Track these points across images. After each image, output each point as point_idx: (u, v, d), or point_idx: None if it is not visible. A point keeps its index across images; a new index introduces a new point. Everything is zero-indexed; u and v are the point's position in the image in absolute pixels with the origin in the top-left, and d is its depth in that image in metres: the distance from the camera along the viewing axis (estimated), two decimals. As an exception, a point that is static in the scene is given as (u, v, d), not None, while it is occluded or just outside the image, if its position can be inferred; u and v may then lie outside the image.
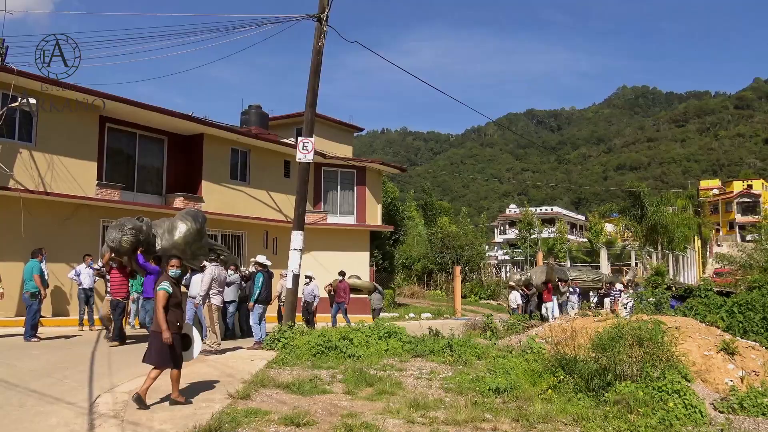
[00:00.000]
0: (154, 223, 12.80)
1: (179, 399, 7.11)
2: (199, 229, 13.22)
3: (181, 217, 13.27)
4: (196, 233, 13.11)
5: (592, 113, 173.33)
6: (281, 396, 7.57)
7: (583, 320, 12.27)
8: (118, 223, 11.89)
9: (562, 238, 59.83)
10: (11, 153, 15.06)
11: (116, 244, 11.59)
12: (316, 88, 13.84)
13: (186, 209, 14.74)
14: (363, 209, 25.26)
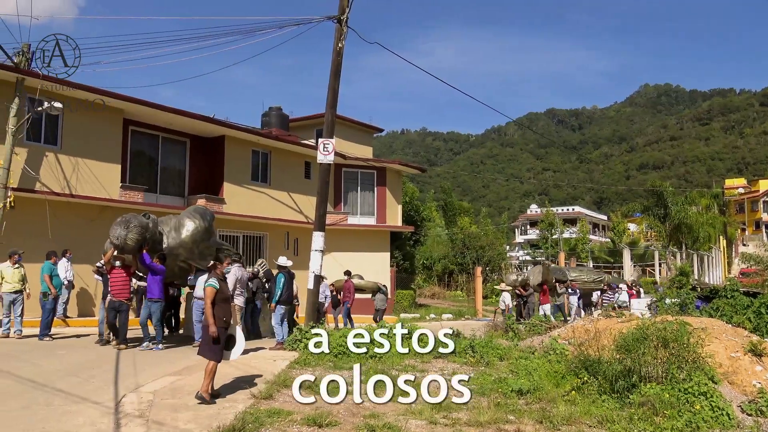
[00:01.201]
0: (161, 220, 12.50)
1: (206, 394, 7.09)
2: (207, 227, 12.77)
3: (188, 215, 12.84)
4: (204, 231, 12.65)
5: (614, 112, 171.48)
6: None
7: (607, 321, 12.14)
8: (123, 219, 11.35)
9: (584, 238, 59.28)
10: (38, 156, 15.32)
11: (120, 241, 11.04)
12: (337, 89, 13.87)
13: (193, 206, 14.33)
14: (383, 210, 25.28)
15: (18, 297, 12.40)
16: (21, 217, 14.50)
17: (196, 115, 19.17)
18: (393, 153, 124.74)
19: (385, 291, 18.25)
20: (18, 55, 14.49)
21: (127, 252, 11.35)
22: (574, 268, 27.17)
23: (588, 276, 24.44)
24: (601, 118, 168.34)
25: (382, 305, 18.01)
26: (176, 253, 12.24)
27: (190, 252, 12.38)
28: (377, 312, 17.78)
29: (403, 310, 25.44)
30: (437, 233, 45.04)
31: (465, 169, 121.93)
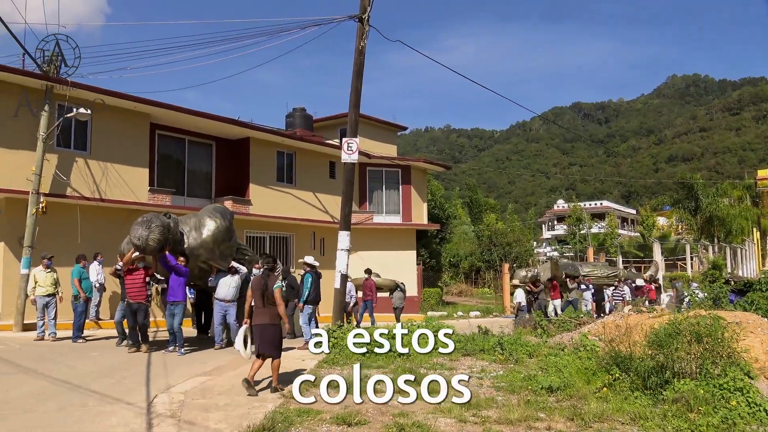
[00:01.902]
0: (180, 219, 12.27)
1: (279, 386, 7.75)
2: (228, 226, 12.42)
3: (209, 214, 12.46)
4: (226, 231, 12.28)
5: (641, 104, 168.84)
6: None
7: (638, 316, 11.96)
8: (145, 219, 10.98)
9: (612, 232, 58.50)
10: (68, 162, 15.61)
11: (142, 242, 10.71)
12: (360, 89, 13.88)
13: (212, 205, 13.86)
14: (408, 208, 25.24)
15: (51, 300, 12.66)
16: (53, 222, 14.79)
17: (221, 117, 19.35)
18: (417, 151, 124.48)
19: (403, 288, 18.05)
20: (47, 64, 14.76)
21: (149, 253, 11.05)
22: (587, 263, 26.54)
23: (602, 271, 23.71)
24: (628, 111, 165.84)
25: (400, 303, 17.83)
26: (197, 254, 11.95)
27: (211, 252, 12.08)
28: (395, 310, 17.66)
29: (430, 308, 25.39)
30: (463, 230, 44.83)
31: (490, 165, 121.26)
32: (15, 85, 14.62)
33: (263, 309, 7.90)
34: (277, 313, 7.94)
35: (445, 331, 6.90)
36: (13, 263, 14.55)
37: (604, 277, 22.87)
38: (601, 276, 22.93)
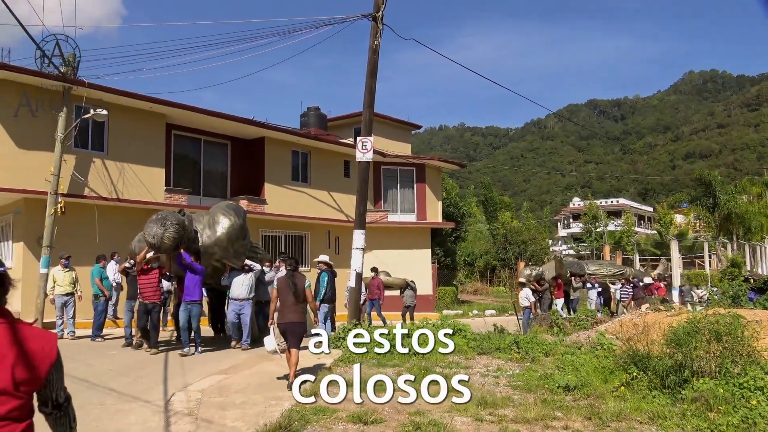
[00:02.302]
0: (193, 217, 12.04)
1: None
2: (242, 224, 12.17)
3: (222, 211, 12.17)
4: (240, 229, 12.03)
5: (658, 101, 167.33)
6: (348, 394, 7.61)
7: (655, 315, 11.86)
8: (159, 217, 10.77)
9: (629, 230, 58.05)
10: (86, 162, 15.76)
11: (157, 240, 10.48)
12: (374, 88, 13.88)
13: (225, 203, 13.47)
14: (423, 207, 25.21)
15: (69, 299, 12.81)
16: (71, 222, 14.94)
17: (236, 117, 19.44)
18: (431, 149, 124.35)
19: (414, 287, 17.70)
20: (64, 65, 14.91)
21: (163, 251, 10.82)
22: (594, 262, 26.10)
23: (608, 269, 23.40)
24: (645, 108, 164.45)
25: (411, 302, 17.50)
26: (211, 252, 11.71)
27: (225, 251, 11.83)
28: (406, 309, 17.32)
29: (445, 306, 25.34)
30: (478, 229, 44.71)
31: (505, 163, 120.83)
32: (32, 86, 14.78)
33: (292, 307, 8.18)
34: (304, 310, 8.35)
35: (445, 331, 6.87)
36: (33, 263, 14.72)
37: (610, 276, 22.58)
38: (607, 274, 22.66)
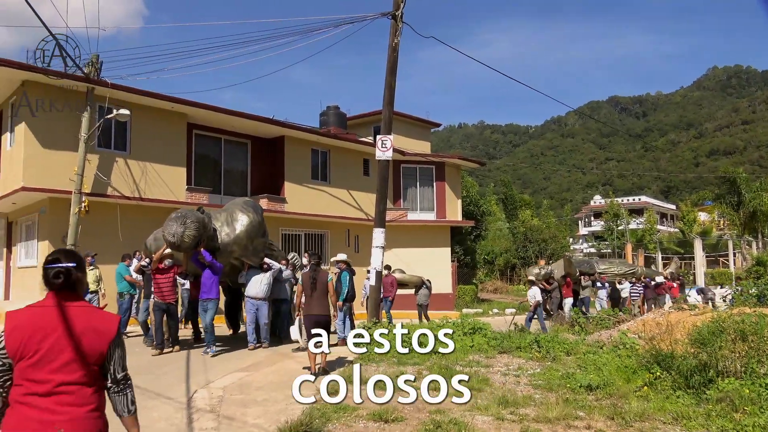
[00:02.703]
0: (211, 214, 11.81)
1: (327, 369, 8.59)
2: (261, 221, 11.96)
3: (240, 208, 11.93)
4: (258, 226, 11.78)
5: (680, 97, 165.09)
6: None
7: (679, 314, 11.72)
8: (179, 215, 10.57)
9: (651, 228, 57.35)
10: (109, 162, 15.96)
11: (177, 239, 10.27)
12: (393, 86, 13.87)
13: (242, 199, 13.14)
14: (443, 205, 25.16)
15: (93, 297, 12.97)
16: (94, 221, 15.15)
17: (256, 116, 19.55)
18: (451, 147, 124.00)
19: (429, 286, 17.39)
20: (88, 66, 15.11)
21: (183, 250, 10.63)
22: (604, 260, 25.63)
23: (618, 268, 23.02)
24: (667, 104, 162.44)
25: (425, 300, 17.19)
26: (230, 250, 11.48)
27: (244, 249, 11.58)
28: (420, 307, 17.05)
29: (465, 305, 25.26)
30: (498, 227, 44.50)
31: (525, 161, 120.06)
32: (56, 88, 15.00)
33: (315, 301, 8.83)
34: (328, 304, 8.91)
35: (445, 331, 6.86)
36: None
37: (621, 275, 22.23)
38: (617, 273, 22.31)
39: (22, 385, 2.61)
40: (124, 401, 2.82)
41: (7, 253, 18.44)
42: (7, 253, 18.50)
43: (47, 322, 2.65)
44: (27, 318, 2.68)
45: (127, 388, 2.84)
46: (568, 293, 19.18)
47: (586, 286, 20.28)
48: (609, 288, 21.13)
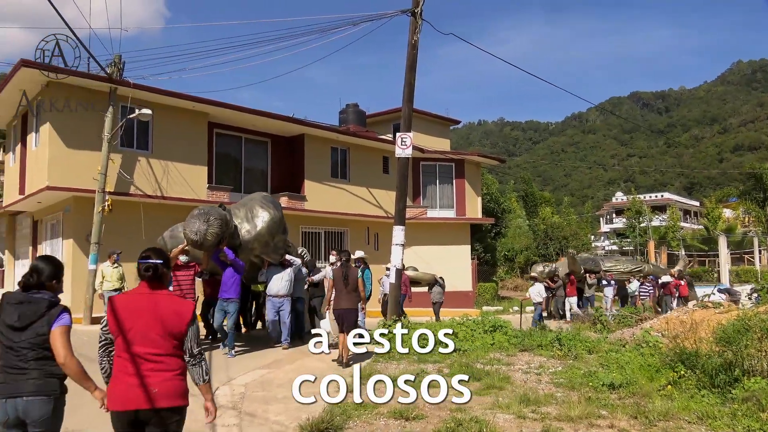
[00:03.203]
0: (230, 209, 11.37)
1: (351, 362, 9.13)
2: (281, 217, 11.59)
3: (260, 203, 11.50)
4: (279, 222, 11.42)
5: (704, 92, 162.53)
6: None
7: (703, 312, 11.56)
8: (202, 212, 10.22)
9: (674, 225, 56.60)
10: (131, 161, 16.15)
11: (200, 237, 9.91)
12: (413, 83, 13.84)
13: (260, 194, 12.58)
14: (462, 202, 25.08)
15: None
16: (117, 219, 15.33)
17: (276, 115, 19.65)
18: (470, 145, 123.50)
19: (442, 284, 17.11)
20: (110, 66, 15.29)
21: (206, 248, 10.26)
22: (610, 257, 25.07)
23: (625, 266, 22.50)
24: (690, 99, 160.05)
25: (440, 298, 16.96)
26: (251, 248, 11.10)
27: (265, 246, 11.21)
28: (434, 305, 16.85)
29: (485, 302, 25.17)
30: (518, 224, 44.20)
31: (545, 158, 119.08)
32: (80, 88, 15.20)
33: (345, 295, 9.42)
34: (357, 298, 9.53)
35: (445, 331, 6.88)
36: (81, 259, 15.17)
37: (627, 273, 21.75)
38: (624, 271, 21.85)
39: (121, 356, 3.38)
40: (200, 372, 3.52)
41: (33, 251, 18.76)
42: (32, 251, 18.81)
43: (140, 306, 3.41)
44: (124, 302, 3.47)
45: (201, 361, 3.53)
46: (572, 291, 18.94)
47: (592, 284, 19.97)
48: (615, 286, 20.82)
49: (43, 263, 3.78)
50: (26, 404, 3.47)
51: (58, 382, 3.59)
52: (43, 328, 3.53)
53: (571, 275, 19.12)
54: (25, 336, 3.52)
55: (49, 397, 3.53)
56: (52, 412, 3.53)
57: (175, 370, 3.42)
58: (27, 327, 3.53)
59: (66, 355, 3.48)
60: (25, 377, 3.50)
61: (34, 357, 3.51)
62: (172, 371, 3.41)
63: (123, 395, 3.32)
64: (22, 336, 3.52)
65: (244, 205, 11.65)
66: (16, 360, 3.51)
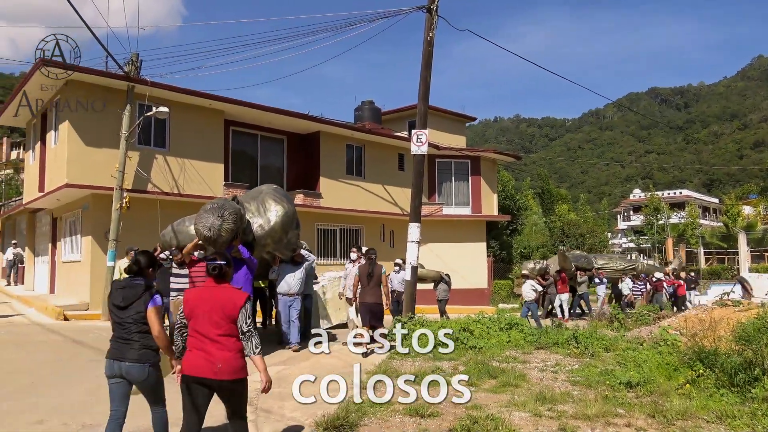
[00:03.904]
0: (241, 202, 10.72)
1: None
2: (294, 211, 11.00)
3: (272, 196, 10.84)
4: (293, 216, 10.79)
5: (724, 87, 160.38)
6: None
7: (722, 310, 11.43)
8: (216, 206, 9.49)
9: (693, 222, 56.00)
10: (149, 159, 16.28)
11: (214, 233, 9.18)
12: (428, 80, 13.80)
13: (270, 186, 11.80)
14: (478, 199, 24.99)
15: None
16: (135, 216, 15.46)
17: (292, 112, 19.70)
18: (486, 142, 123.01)
19: (448, 281, 16.82)
20: (128, 65, 15.42)
21: (219, 246, 9.35)
22: (602, 255, 24.44)
23: (617, 264, 22.07)
24: (709, 95, 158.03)
25: (445, 296, 16.69)
26: (263, 244, 10.44)
27: (278, 242, 10.59)
28: (440, 303, 16.62)
29: (501, 300, 25.08)
30: (534, 222, 43.98)
31: (562, 154, 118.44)
32: (99, 86, 15.34)
33: (370, 290, 10.22)
34: (380, 293, 10.29)
35: (446, 331, 6.91)
36: (100, 256, 15.33)
37: (620, 271, 21.36)
38: (617, 269, 21.47)
39: (193, 336, 4.38)
40: (250, 345, 4.40)
41: (53, 248, 18.99)
42: (52, 248, 19.05)
43: (206, 296, 4.42)
44: (195, 293, 4.55)
45: (252, 336, 4.39)
46: (564, 289, 18.58)
47: (582, 281, 19.54)
48: (608, 284, 20.50)
49: (141, 255, 4.88)
50: (128, 367, 4.64)
51: (153, 353, 4.69)
52: (140, 307, 4.62)
53: (562, 272, 18.72)
54: (128, 314, 4.64)
55: (144, 365, 4.65)
56: (147, 375, 4.69)
57: (234, 349, 4.38)
58: (129, 306, 4.65)
59: (159, 329, 4.58)
60: (128, 347, 4.65)
61: (136, 330, 4.63)
62: (233, 351, 4.37)
63: (193, 364, 4.35)
64: (126, 314, 4.65)
65: (254, 198, 11.00)
66: (124, 333, 4.66)
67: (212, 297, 4.41)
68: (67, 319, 14.05)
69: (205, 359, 4.32)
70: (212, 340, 4.33)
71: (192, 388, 4.40)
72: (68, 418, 6.09)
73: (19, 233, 24.06)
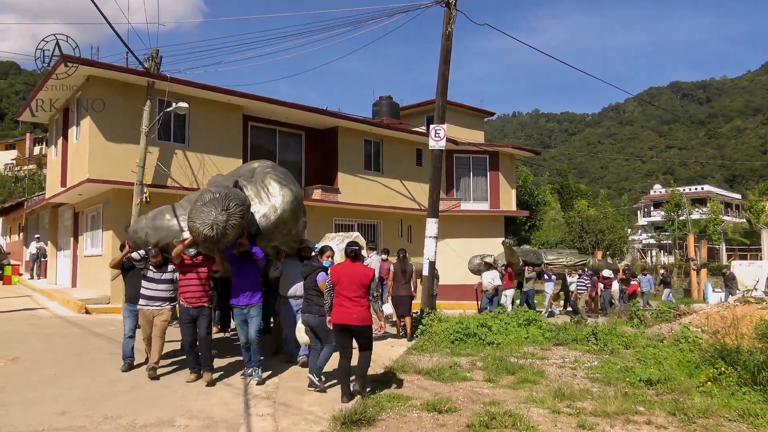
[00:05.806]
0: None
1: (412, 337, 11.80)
2: (302, 194, 9.36)
3: (275, 178, 8.77)
4: (301, 202, 8.96)
5: (747, 81, 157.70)
6: (422, 382, 7.63)
7: (745, 308, 11.27)
8: (218, 196, 7.50)
9: (715, 219, 55.23)
10: (168, 154, 16.41)
11: (218, 231, 7.26)
12: (447, 75, 13.74)
13: (267, 162, 9.66)
14: (496, 195, 24.87)
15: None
16: (156, 211, 15.58)
17: (310, 108, 19.73)
18: (505, 137, 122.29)
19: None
20: (148, 61, 15.54)
21: (222, 245, 7.59)
22: (552, 251, 23.44)
23: (568, 259, 21.05)
24: (732, 89, 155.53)
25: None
26: (269, 237, 8.50)
27: (287, 234, 8.76)
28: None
29: (519, 295, 24.91)
30: (553, 217, 43.70)
31: (581, 150, 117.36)
32: (119, 82, 15.48)
33: (403, 285, 12.08)
34: (411, 287, 12.19)
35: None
36: (121, 250, 15.46)
37: (570, 266, 20.47)
38: (567, 264, 20.57)
39: (338, 296, 6.87)
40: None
41: (74, 242, 19.23)
42: (74, 242, 19.29)
43: (346, 270, 6.96)
44: (339, 268, 7.04)
45: (378, 299, 7.65)
46: (510, 284, 17.50)
47: (530, 277, 18.54)
48: (555, 280, 19.70)
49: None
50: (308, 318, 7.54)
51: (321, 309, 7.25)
52: (313, 279, 7.58)
53: (509, 267, 17.81)
54: (308, 283, 7.66)
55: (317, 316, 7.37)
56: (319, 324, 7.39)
57: (365, 306, 6.87)
58: (307, 277, 7.70)
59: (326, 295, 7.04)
60: (308, 305, 7.56)
61: (314, 294, 7.49)
62: (363, 306, 6.85)
63: (339, 316, 6.83)
64: (307, 282, 7.70)
65: (250, 179, 8.96)
66: (307, 295, 7.65)
67: (351, 272, 6.90)
68: (88, 313, 14.24)
69: (346, 313, 6.76)
70: (350, 299, 6.78)
71: (339, 331, 6.88)
72: (90, 409, 6.18)
73: (42, 228, 24.40)
